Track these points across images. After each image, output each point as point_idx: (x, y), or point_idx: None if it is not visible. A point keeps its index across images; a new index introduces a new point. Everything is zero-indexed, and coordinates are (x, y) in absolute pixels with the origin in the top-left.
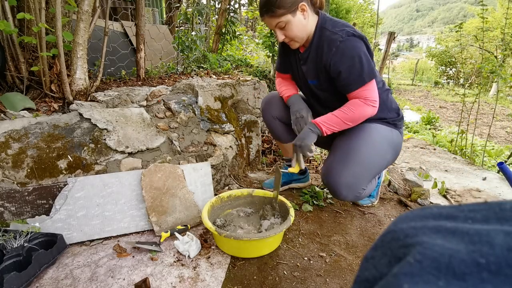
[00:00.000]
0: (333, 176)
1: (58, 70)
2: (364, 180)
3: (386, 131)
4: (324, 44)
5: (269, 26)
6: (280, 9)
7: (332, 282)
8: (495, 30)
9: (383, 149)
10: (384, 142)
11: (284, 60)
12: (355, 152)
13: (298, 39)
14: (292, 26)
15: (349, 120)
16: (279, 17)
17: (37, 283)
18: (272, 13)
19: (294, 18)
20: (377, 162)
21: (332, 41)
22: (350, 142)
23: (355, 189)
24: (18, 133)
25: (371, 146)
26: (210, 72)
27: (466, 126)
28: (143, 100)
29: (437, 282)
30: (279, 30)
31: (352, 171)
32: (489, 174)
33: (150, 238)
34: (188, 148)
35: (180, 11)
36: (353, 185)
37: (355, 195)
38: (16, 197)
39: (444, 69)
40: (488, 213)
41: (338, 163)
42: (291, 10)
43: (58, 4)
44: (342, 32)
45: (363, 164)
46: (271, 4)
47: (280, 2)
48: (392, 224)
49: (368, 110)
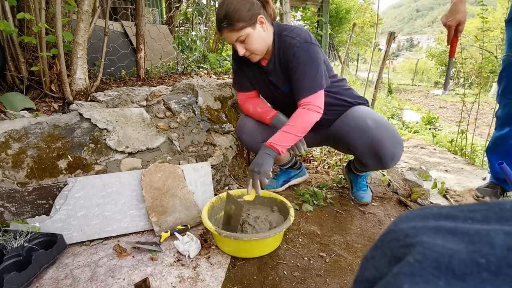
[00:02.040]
0: (380, 141)
1: (58, 70)
2: (398, 134)
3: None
4: (284, 50)
5: (228, 40)
6: (240, 23)
7: (332, 282)
8: (495, 30)
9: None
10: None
11: (243, 78)
12: (373, 120)
13: (258, 52)
14: (252, 39)
15: (299, 132)
16: (238, 31)
17: (37, 283)
18: (231, 26)
19: (254, 31)
20: (387, 120)
21: (290, 46)
22: (357, 119)
23: (401, 144)
24: (18, 133)
25: (372, 112)
26: (210, 72)
27: (466, 126)
28: (143, 100)
29: (437, 282)
30: (240, 43)
31: (389, 131)
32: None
33: (150, 238)
34: (188, 148)
35: (180, 11)
36: (398, 139)
37: (402, 149)
38: (16, 197)
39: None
40: (488, 213)
41: (375, 131)
42: (251, 23)
43: (58, 4)
44: (299, 37)
45: (387, 124)
46: (230, 18)
47: (239, 16)
48: (392, 224)
49: (314, 116)
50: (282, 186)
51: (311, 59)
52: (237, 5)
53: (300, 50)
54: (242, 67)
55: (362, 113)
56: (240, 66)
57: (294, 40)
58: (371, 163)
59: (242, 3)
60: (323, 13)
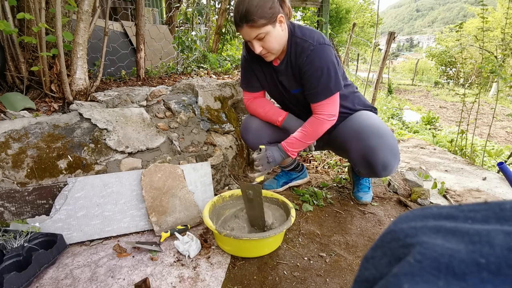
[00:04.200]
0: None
1: (58, 70)
2: (396, 145)
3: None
4: (296, 52)
5: (246, 37)
6: (261, 19)
7: (332, 282)
8: (495, 30)
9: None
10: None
11: (252, 77)
12: (371, 127)
13: (275, 51)
14: (271, 37)
15: (311, 140)
16: (259, 28)
17: (37, 283)
18: (252, 23)
19: (274, 29)
20: (388, 129)
21: (304, 49)
22: (356, 125)
23: (397, 155)
24: (18, 133)
25: (373, 119)
26: (210, 72)
27: (466, 126)
28: (143, 100)
29: (437, 282)
30: (257, 41)
31: (385, 139)
32: (489, 174)
33: (150, 238)
34: (188, 148)
35: (180, 11)
36: (394, 150)
37: (397, 161)
38: (16, 197)
39: (444, 69)
40: (488, 213)
41: (370, 140)
42: (272, 21)
43: (58, 4)
44: (312, 39)
45: (384, 132)
46: (252, 14)
47: (262, 13)
48: (392, 224)
49: (327, 125)
50: (282, 187)
51: (325, 62)
52: (260, 2)
53: (313, 54)
54: (252, 66)
55: (362, 119)
56: (250, 65)
57: (307, 43)
58: (364, 171)
59: (265, 0)
60: (323, 13)
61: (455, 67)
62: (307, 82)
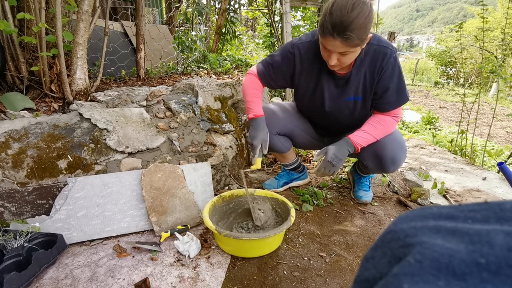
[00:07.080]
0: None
1: (58, 70)
2: (403, 140)
3: None
4: (374, 59)
5: (330, 47)
6: (358, 41)
7: (332, 282)
8: (495, 30)
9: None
10: None
11: (279, 75)
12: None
13: (346, 65)
14: (352, 55)
15: (380, 136)
16: (352, 47)
17: (37, 283)
18: (349, 40)
19: (359, 49)
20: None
21: (384, 56)
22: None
23: (404, 150)
24: (18, 133)
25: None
26: (210, 72)
27: (466, 126)
28: (143, 100)
29: (437, 282)
30: (338, 55)
31: (393, 134)
32: (489, 174)
33: (150, 238)
34: (188, 148)
35: (180, 11)
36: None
37: (405, 155)
38: (16, 197)
39: (444, 69)
40: (488, 213)
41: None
42: (364, 43)
43: (58, 4)
44: (389, 45)
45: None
46: (353, 31)
47: (362, 34)
48: (392, 224)
49: (395, 126)
50: (282, 187)
51: (401, 70)
52: (365, 21)
53: (394, 62)
54: (304, 65)
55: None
56: (296, 64)
57: (387, 50)
58: (372, 166)
59: (368, 20)
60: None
61: (455, 67)
62: (385, 90)
